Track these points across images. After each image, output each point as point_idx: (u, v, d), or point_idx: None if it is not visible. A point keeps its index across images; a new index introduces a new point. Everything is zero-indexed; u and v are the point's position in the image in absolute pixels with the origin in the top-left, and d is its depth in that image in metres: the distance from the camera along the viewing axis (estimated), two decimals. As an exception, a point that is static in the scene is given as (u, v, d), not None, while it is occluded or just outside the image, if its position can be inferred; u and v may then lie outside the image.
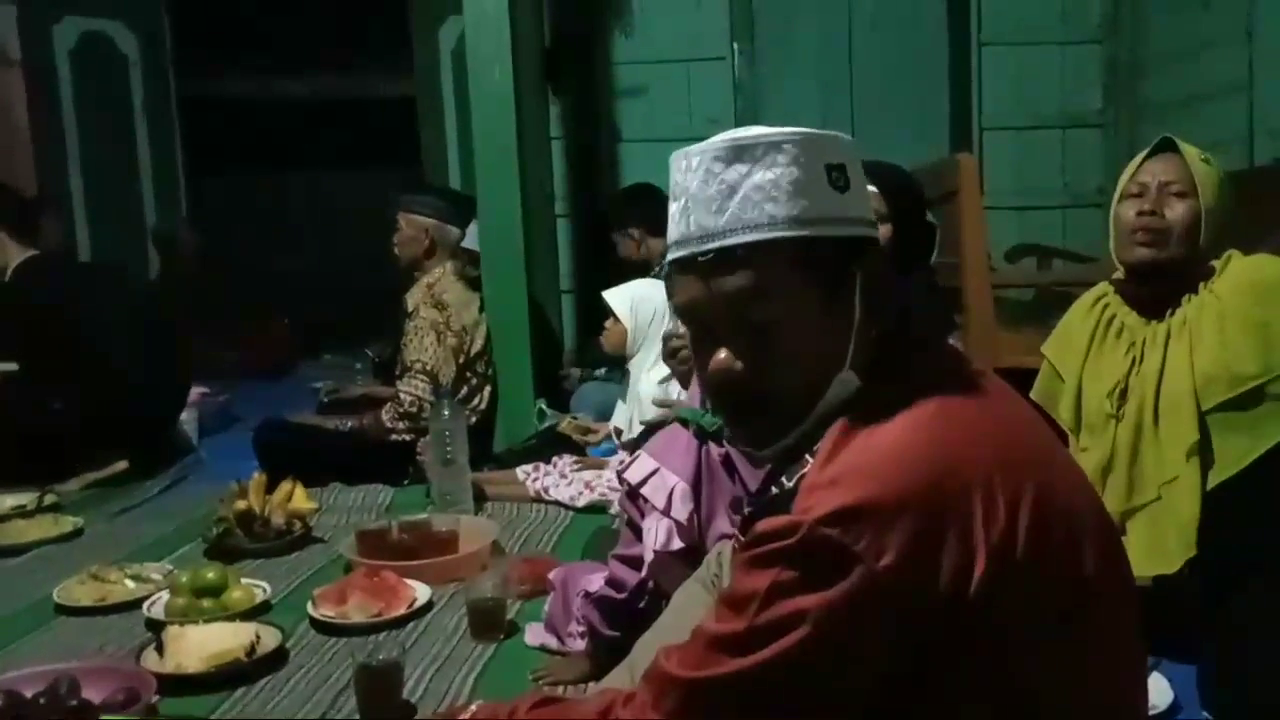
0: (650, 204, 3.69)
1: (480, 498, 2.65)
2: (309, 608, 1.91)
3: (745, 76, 4.72)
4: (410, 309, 3.08)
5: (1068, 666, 0.79)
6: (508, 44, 3.22)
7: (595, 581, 1.67)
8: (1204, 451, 1.59)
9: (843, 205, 0.88)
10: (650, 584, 1.57)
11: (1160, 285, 1.71)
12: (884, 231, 2.12)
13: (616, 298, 2.80)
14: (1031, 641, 0.78)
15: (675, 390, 2.65)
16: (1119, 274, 1.79)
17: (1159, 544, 1.59)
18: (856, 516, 0.74)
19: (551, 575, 1.84)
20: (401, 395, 2.94)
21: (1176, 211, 1.66)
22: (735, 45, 4.70)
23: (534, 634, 1.81)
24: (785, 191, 0.85)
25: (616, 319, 2.79)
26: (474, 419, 2.95)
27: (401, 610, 1.90)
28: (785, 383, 0.87)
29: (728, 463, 1.52)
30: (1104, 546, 0.84)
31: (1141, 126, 4.09)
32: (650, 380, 2.70)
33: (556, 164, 4.75)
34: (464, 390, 3.05)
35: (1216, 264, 1.69)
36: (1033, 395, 1.91)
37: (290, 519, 2.39)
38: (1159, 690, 1.42)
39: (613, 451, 2.85)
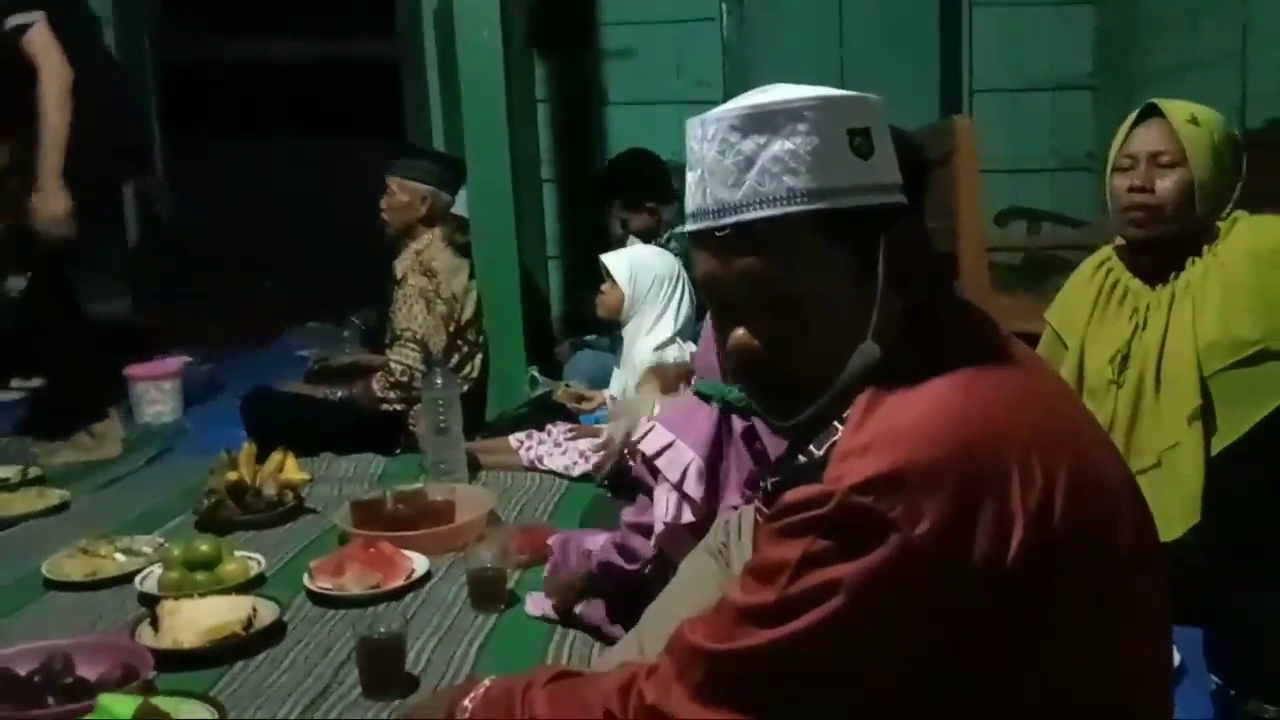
0: (653, 172, 3.63)
1: (474, 466, 2.63)
2: (305, 580, 1.88)
3: (734, 38, 4.65)
4: (399, 276, 3.03)
5: (1106, 636, 0.78)
6: (496, 3, 3.14)
7: (597, 542, 1.66)
8: (1206, 418, 1.57)
9: (866, 172, 0.84)
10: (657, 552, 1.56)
11: (1160, 255, 1.69)
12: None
13: (615, 261, 2.77)
14: (1071, 611, 0.77)
15: (672, 355, 2.62)
16: (1121, 240, 1.78)
17: (1160, 511, 1.54)
18: (891, 483, 0.73)
19: (551, 540, 1.83)
20: (392, 364, 2.90)
21: (1167, 184, 1.63)
22: (724, 6, 4.63)
23: (535, 603, 1.80)
24: (805, 162, 0.82)
25: (614, 283, 2.76)
26: (466, 387, 2.92)
27: (400, 581, 1.88)
28: (807, 357, 0.85)
29: (749, 435, 1.50)
30: (1136, 517, 0.83)
31: (1133, 92, 4.07)
32: (646, 346, 2.68)
33: (542, 128, 4.68)
34: (455, 358, 3.01)
35: (1222, 225, 1.67)
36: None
37: (282, 490, 2.35)
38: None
39: (606, 419, 2.83)
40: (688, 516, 1.51)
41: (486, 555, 1.84)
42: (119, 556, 2.04)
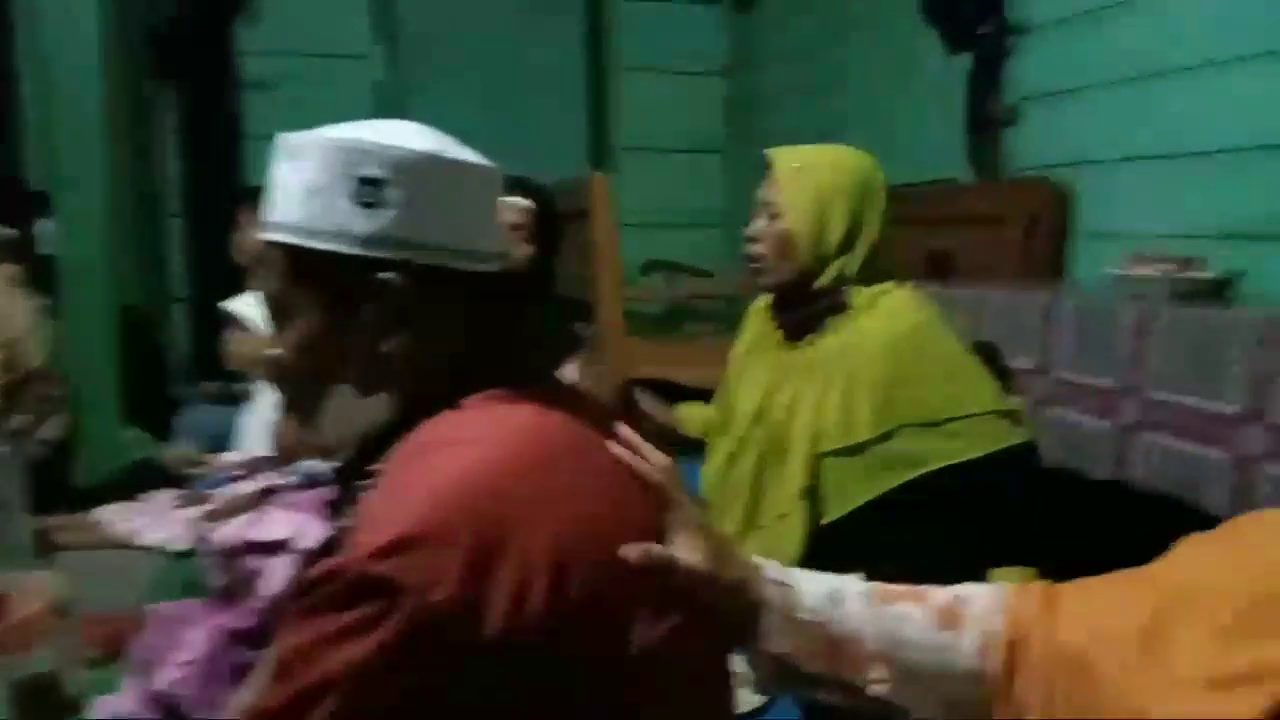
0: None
1: (48, 548, 2.23)
2: None
3: (387, 78, 4.53)
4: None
5: (636, 684, 0.76)
6: (94, 33, 2.80)
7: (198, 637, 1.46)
8: (815, 492, 1.57)
9: (366, 222, 0.81)
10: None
11: (789, 311, 1.67)
12: (527, 251, 2.05)
13: (245, 305, 2.51)
14: (603, 673, 0.74)
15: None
16: None
17: None
18: (405, 548, 0.69)
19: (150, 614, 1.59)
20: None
21: (766, 235, 1.62)
22: (377, 46, 4.50)
23: (105, 707, 1.53)
24: (299, 197, 0.83)
25: (246, 330, 2.50)
26: (39, 451, 2.49)
27: (-88, 703, 1.52)
28: (302, 380, 0.92)
29: None
30: None
31: (758, 155, 4.47)
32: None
33: (171, 159, 4.24)
34: (16, 416, 2.56)
35: (864, 294, 1.61)
36: (715, 400, 1.89)
37: None
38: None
39: (226, 483, 2.54)
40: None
41: (45, 656, 1.54)
42: None
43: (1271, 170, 2.04)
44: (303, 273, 0.84)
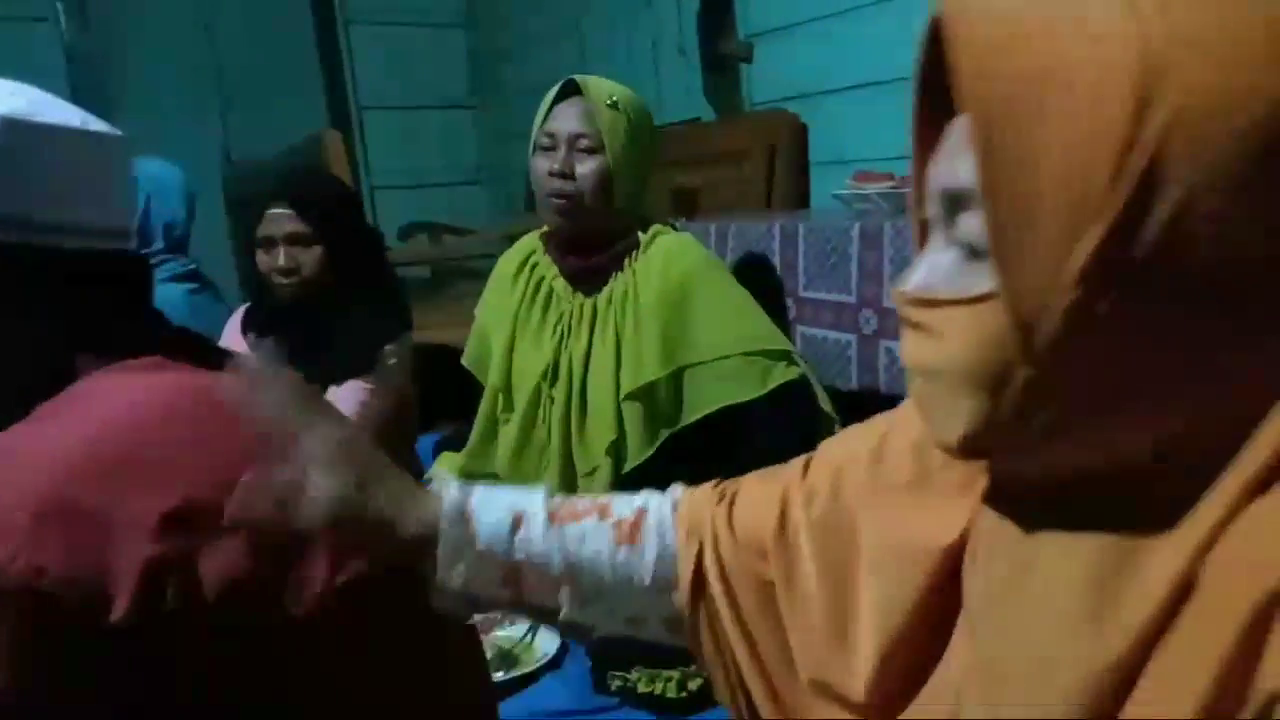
0: None
1: None
2: None
3: (79, 43, 4.03)
4: None
5: (350, 667, 0.72)
6: None
7: None
8: (621, 442, 1.57)
9: None
10: None
11: (584, 256, 1.61)
12: (315, 256, 1.72)
13: None
14: (284, 645, 0.69)
15: None
16: (547, 228, 1.68)
17: None
18: None
19: None
20: None
21: (586, 171, 1.53)
22: (60, 5, 3.98)
23: None
24: None
25: None
26: None
27: None
28: None
29: None
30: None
31: (510, 107, 4.39)
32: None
33: None
34: None
35: (643, 236, 1.61)
36: (464, 360, 1.81)
37: None
38: (549, 639, 1.47)
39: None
40: None
41: None
42: None
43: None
44: None
